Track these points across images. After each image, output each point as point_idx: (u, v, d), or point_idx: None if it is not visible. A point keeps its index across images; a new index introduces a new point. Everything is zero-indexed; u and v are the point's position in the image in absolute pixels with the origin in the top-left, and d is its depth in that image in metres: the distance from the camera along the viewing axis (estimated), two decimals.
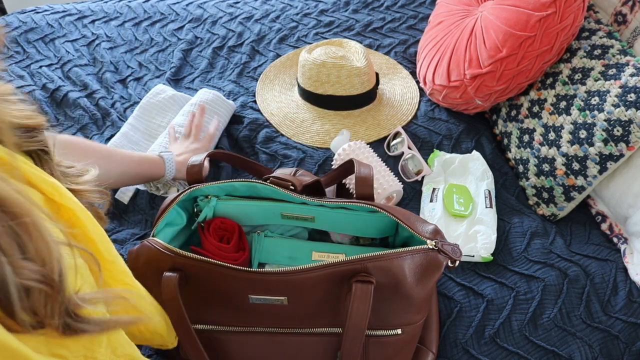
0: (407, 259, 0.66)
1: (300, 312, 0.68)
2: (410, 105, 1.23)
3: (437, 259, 0.67)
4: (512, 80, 1.08)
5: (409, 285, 0.66)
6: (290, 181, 0.78)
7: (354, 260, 0.65)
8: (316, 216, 0.80)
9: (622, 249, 0.96)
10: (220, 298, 0.68)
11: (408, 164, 1.07)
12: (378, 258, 0.65)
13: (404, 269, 0.65)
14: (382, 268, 0.65)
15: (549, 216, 1.03)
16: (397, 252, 0.65)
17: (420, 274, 0.66)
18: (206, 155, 0.84)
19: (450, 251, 0.67)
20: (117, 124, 1.15)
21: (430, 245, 0.67)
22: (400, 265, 0.65)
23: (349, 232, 0.83)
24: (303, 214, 0.80)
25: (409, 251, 0.66)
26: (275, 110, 1.21)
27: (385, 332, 0.69)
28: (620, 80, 0.95)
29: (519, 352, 0.81)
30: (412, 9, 1.52)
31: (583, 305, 0.86)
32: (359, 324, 0.63)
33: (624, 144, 0.92)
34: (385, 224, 0.80)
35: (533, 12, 1.02)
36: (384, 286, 0.65)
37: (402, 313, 0.69)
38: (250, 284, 0.66)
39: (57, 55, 1.34)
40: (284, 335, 0.71)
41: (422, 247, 0.67)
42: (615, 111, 0.93)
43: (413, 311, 0.69)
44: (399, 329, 0.70)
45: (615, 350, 0.83)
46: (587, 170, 0.97)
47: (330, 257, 0.83)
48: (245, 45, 1.39)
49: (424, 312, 0.72)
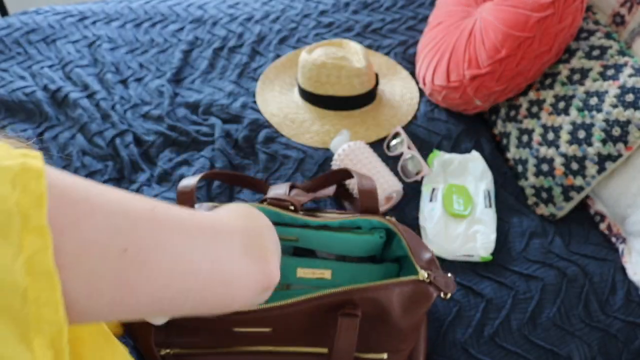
0: (395, 290, 0.64)
1: (285, 337, 0.68)
2: (410, 106, 1.24)
3: (427, 291, 0.65)
4: (511, 80, 1.08)
5: (396, 317, 0.65)
6: (289, 201, 0.76)
7: (340, 292, 0.64)
8: (300, 237, 0.79)
9: (620, 249, 0.96)
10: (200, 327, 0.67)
11: (408, 164, 1.08)
12: (365, 290, 0.64)
13: (392, 300, 0.64)
14: (368, 299, 0.64)
15: (547, 216, 1.04)
16: (385, 284, 0.64)
17: (408, 306, 0.65)
18: (199, 178, 0.80)
19: (443, 285, 0.65)
20: (118, 125, 1.16)
21: (421, 277, 0.65)
22: (388, 297, 0.64)
23: (334, 251, 0.82)
24: (287, 235, 0.79)
25: (397, 283, 0.64)
26: (275, 110, 1.21)
27: (370, 355, 0.69)
28: (618, 81, 0.95)
29: (518, 352, 0.81)
30: (412, 10, 1.52)
31: (582, 304, 0.87)
32: (344, 354, 0.63)
33: (623, 144, 0.92)
34: (371, 245, 0.79)
35: (532, 13, 1.03)
36: (370, 315, 0.64)
37: (387, 340, 0.68)
38: (234, 322, 0.65)
39: (58, 56, 1.34)
40: (269, 355, 0.69)
41: (412, 279, 0.65)
42: (614, 111, 0.93)
43: (400, 339, 0.68)
44: (385, 354, 0.69)
45: (614, 349, 0.83)
46: (585, 171, 0.97)
47: (316, 273, 0.81)
48: (246, 46, 1.39)
49: (411, 342, 0.71)
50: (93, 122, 1.17)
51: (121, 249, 0.30)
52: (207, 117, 1.20)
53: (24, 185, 0.26)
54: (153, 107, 1.22)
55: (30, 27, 1.42)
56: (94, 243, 0.29)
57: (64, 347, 0.28)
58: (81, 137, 1.15)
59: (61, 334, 0.27)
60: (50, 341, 0.27)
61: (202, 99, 1.23)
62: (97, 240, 0.29)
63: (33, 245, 0.25)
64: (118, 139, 1.13)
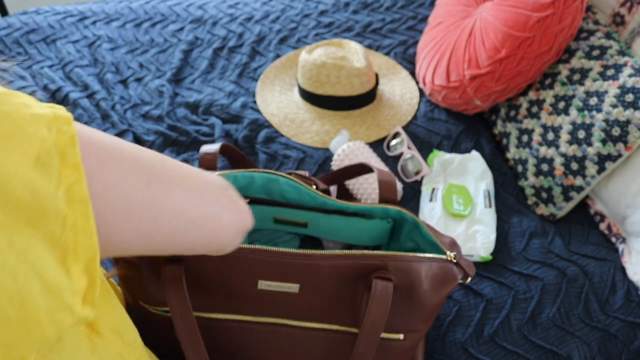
0: (425, 265, 0.64)
1: (311, 304, 0.66)
2: (410, 106, 1.24)
3: (453, 272, 0.65)
4: (511, 80, 1.08)
5: (422, 291, 0.64)
6: (313, 180, 0.75)
7: (375, 255, 0.63)
8: (310, 221, 0.79)
9: (620, 249, 0.96)
10: (223, 286, 0.64)
11: (407, 164, 1.08)
12: (399, 258, 0.63)
13: (421, 275, 0.64)
14: (400, 268, 0.63)
15: (547, 216, 1.04)
16: (417, 257, 0.64)
17: (434, 283, 0.65)
18: (220, 146, 0.80)
19: (467, 266, 0.66)
20: (118, 125, 1.16)
21: (449, 257, 0.65)
22: (418, 270, 0.64)
23: (342, 239, 0.81)
24: (296, 219, 0.78)
25: (428, 258, 0.64)
26: (275, 110, 1.21)
27: (387, 335, 0.68)
28: (618, 81, 0.95)
29: (517, 352, 0.81)
30: (412, 9, 1.53)
31: (581, 304, 0.87)
32: (377, 321, 0.60)
33: (622, 144, 0.93)
34: (379, 232, 0.79)
35: (532, 13, 1.03)
36: (398, 288, 0.64)
37: (408, 318, 0.67)
38: (263, 266, 0.62)
39: (58, 56, 1.34)
40: (291, 328, 0.68)
41: (440, 257, 0.65)
42: (614, 111, 0.93)
43: (419, 318, 0.68)
44: (402, 334, 0.68)
45: (614, 349, 0.83)
46: (585, 171, 0.97)
47: None
48: (246, 46, 1.39)
49: (429, 322, 0.70)
50: (93, 122, 1.17)
51: (146, 181, 0.36)
52: (207, 117, 1.20)
53: (58, 128, 0.30)
54: (153, 107, 1.22)
55: (30, 27, 1.42)
56: (122, 176, 0.34)
57: (97, 274, 0.31)
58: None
59: (95, 259, 0.31)
60: (85, 267, 0.31)
61: (202, 99, 1.23)
62: (124, 174, 0.34)
63: (70, 177, 0.29)
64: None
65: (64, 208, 0.29)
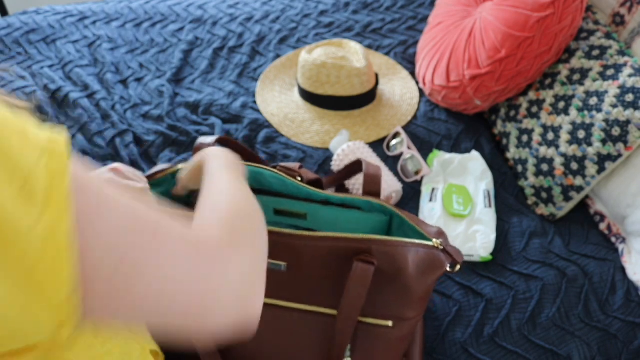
0: (411, 250, 0.65)
1: (299, 283, 0.68)
2: (410, 106, 1.24)
3: (439, 258, 0.67)
4: (511, 80, 1.08)
5: (409, 276, 0.65)
6: (298, 172, 0.77)
7: (359, 238, 0.64)
8: (309, 212, 0.80)
9: (620, 249, 0.96)
10: None
11: (407, 164, 1.08)
12: (383, 242, 0.64)
13: (407, 259, 0.65)
14: (385, 253, 0.65)
15: (547, 216, 1.04)
16: (403, 242, 0.65)
17: (421, 269, 0.66)
18: (217, 139, 0.81)
19: (454, 253, 0.67)
20: (118, 125, 1.16)
21: (435, 243, 0.66)
22: (404, 255, 0.65)
23: (340, 231, 0.82)
24: (296, 210, 0.80)
25: (414, 244, 0.66)
26: (275, 110, 1.21)
27: (375, 320, 0.68)
28: (618, 81, 0.95)
29: (517, 351, 0.81)
30: (412, 10, 1.53)
31: (581, 304, 0.87)
32: (354, 302, 0.62)
33: (622, 144, 0.93)
34: (377, 224, 0.80)
35: (532, 13, 1.03)
36: (383, 272, 0.65)
37: (396, 304, 0.68)
38: None
39: (58, 56, 1.34)
40: (281, 310, 0.69)
41: (427, 243, 0.66)
42: (614, 111, 0.93)
43: (408, 305, 0.68)
44: (390, 321, 0.69)
45: (614, 349, 0.83)
46: (585, 171, 0.97)
47: None
48: (246, 46, 1.39)
49: (418, 311, 0.71)
50: (93, 122, 1.17)
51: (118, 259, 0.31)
52: (207, 117, 1.20)
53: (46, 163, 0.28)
54: (153, 107, 1.22)
55: (30, 27, 1.42)
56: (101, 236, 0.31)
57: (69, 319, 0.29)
58: (81, 137, 1.15)
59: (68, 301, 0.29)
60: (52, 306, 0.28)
61: (202, 98, 1.24)
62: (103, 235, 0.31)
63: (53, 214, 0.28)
64: (118, 139, 1.13)
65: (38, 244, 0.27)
